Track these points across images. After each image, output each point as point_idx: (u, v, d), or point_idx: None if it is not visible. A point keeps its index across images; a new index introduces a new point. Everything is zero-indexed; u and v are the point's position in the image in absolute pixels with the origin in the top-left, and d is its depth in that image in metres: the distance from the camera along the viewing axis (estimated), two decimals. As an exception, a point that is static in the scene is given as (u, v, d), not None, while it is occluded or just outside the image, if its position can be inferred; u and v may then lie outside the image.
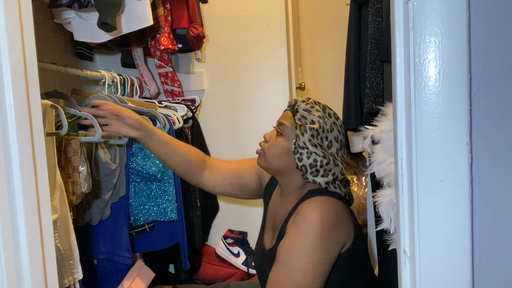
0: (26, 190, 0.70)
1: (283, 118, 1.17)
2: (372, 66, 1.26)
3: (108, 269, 1.43)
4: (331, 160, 1.10)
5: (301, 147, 1.09)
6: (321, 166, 1.09)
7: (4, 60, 0.67)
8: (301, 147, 1.09)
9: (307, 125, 1.10)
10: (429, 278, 0.64)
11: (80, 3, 1.22)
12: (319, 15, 2.85)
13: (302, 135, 1.09)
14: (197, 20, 1.85)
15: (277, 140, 1.15)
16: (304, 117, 1.11)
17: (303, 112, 1.12)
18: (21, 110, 0.70)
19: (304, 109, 1.12)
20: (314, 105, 1.14)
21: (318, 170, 1.09)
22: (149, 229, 1.53)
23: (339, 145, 1.14)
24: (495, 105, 0.62)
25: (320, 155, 1.09)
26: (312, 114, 1.12)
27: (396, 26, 0.65)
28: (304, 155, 1.09)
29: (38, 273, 0.72)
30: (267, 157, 1.17)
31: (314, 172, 1.09)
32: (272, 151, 1.15)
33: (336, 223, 1.05)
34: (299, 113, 1.12)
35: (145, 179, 1.49)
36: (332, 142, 1.12)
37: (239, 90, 2.12)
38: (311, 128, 1.09)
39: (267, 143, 1.18)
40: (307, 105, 1.13)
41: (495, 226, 0.63)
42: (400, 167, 0.67)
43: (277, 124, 1.19)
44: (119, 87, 1.59)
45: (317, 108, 1.13)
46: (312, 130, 1.09)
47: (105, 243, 1.42)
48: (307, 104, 1.14)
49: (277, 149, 1.15)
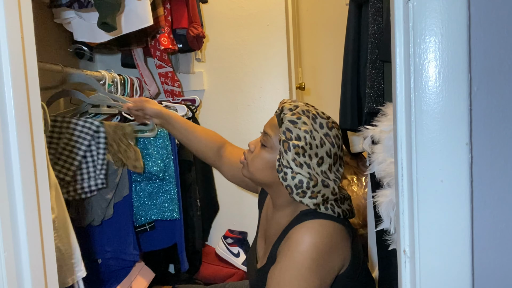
0: (26, 190, 0.70)
1: (268, 127, 1.06)
2: (373, 66, 1.26)
3: (114, 267, 1.45)
4: (319, 181, 0.98)
5: (285, 166, 0.98)
6: (308, 188, 0.98)
7: (4, 60, 0.67)
8: (285, 166, 0.98)
9: (291, 141, 0.97)
10: (429, 278, 0.64)
11: (80, 3, 1.22)
12: (319, 15, 2.85)
13: (286, 153, 0.97)
14: (197, 20, 1.85)
15: (261, 152, 1.05)
16: (289, 130, 0.99)
17: (288, 124, 0.99)
18: (21, 110, 0.70)
19: (290, 121, 0.99)
20: (301, 115, 1.00)
21: (305, 191, 0.98)
22: (150, 229, 1.54)
23: (332, 160, 1.01)
24: (495, 105, 0.62)
25: (305, 176, 0.97)
26: (297, 128, 0.98)
27: (396, 26, 0.65)
28: (288, 175, 0.98)
29: (38, 273, 0.72)
30: (250, 170, 1.07)
31: (300, 194, 0.99)
32: (255, 164, 1.06)
33: (332, 248, 0.98)
34: (284, 125, 1.00)
35: (146, 178, 1.49)
36: (323, 158, 1.00)
37: (239, 90, 2.12)
38: (295, 145, 0.97)
39: (252, 153, 1.08)
40: (293, 115, 1.00)
41: (495, 226, 0.63)
42: (400, 167, 0.67)
43: (262, 133, 1.08)
44: (119, 87, 1.59)
45: (304, 120, 1.00)
46: (297, 148, 0.97)
47: (111, 242, 1.42)
48: (293, 114, 1.00)
49: (260, 162, 1.05)
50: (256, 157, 1.06)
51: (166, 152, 1.50)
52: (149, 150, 1.47)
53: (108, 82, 1.53)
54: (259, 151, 1.06)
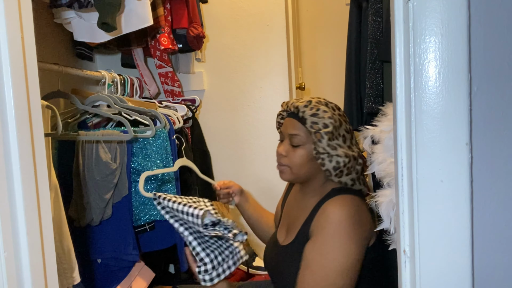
0: (26, 190, 0.70)
1: (291, 129, 1.16)
2: (372, 66, 1.27)
3: (114, 267, 1.45)
4: (350, 156, 1.11)
5: (322, 153, 1.10)
6: (344, 166, 1.10)
7: (4, 60, 0.67)
8: (322, 153, 1.10)
9: (321, 130, 1.09)
10: (429, 278, 0.64)
11: (80, 3, 1.22)
12: (319, 15, 2.85)
13: (320, 142, 1.10)
14: (197, 20, 1.85)
15: (296, 152, 1.15)
16: (315, 122, 1.11)
17: (312, 118, 1.11)
18: (21, 110, 0.70)
19: (312, 114, 1.11)
20: (318, 106, 1.13)
21: (342, 170, 1.10)
22: (150, 229, 1.53)
23: (350, 135, 1.15)
24: (495, 105, 0.62)
25: (341, 155, 1.09)
26: (321, 117, 1.11)
27: (396, 26, 0.65)
28: (326, 160, 1.10)
29: (38, 273, 0.72)
30: (294, 170, 1.17)
31: (338, 174, 1.11)
32: (296, 163, 1.16)
33: (362, 220, 1.07)
34: (308, 120, 1.11)
35: (145, 179, 1.49)
36: (345, 136, 1.13)
37: (239, 90, 2.12)
38: (326, 132, 1.09)
39: (286, 157, 1.17)
40: (312, 109, 1.12)
41: (495, 226, 0.63)
42: (400, 167, 0.67)
43: (287, 136, 1.18)
44: (119, 87, 1.59)
45: (323, 109, 1.12)
46: (328, 134, 1.09)
47: (111, 242, 1.42)
48: (311, 108, 1.12)
49: (299, 159, 1.15)
50: (294, 157, 1.16)
51: (165, 152, 1.49)
52: (148, 150, 1.47)
53: (108, 82, 1.53)
54: (293, 151, 1.16)
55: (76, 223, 1.38)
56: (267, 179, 2.11)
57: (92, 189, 1.36)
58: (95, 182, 1.36)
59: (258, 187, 2.11)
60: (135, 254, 1.42)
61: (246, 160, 2.14)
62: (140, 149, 1.46)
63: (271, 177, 2.10)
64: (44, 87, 0.82)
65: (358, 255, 1.05)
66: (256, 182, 2.12)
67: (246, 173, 2.13)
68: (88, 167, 1.36)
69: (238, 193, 1.45)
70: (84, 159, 1.37)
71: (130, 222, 1.44)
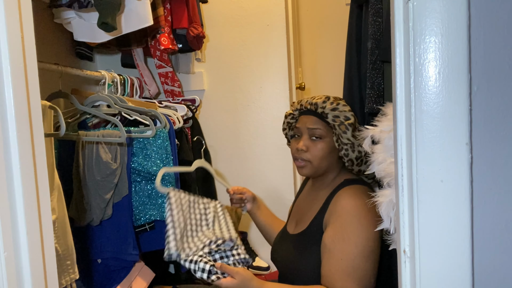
0: (26, 190, 0.70)
1: (311, 124, 1.22)
2: (373, 66, 1.26)
3: (114, 267, 1.45)
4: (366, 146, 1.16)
5: (346, 144, 1.16)
6: (365, 155, 1.15)
7: (4, 60, 0.67)
8: (346, 144, 1.16)
9: (345, 122, 1.16)
10: (429, 278, 0.64)
11: (80, 3, 1.22)
12: (319, 15, 2.85)
13: (345, 133, 1.16)
14: (197, 20, 1.85)
15: (318, 145, 1.21)
16: (337, 116, 1.17)
17: (333, 112, 1.18)
18: (21, 110, 0.70)
19: (332, 109, 1.18)
20: (338, 101, 1.20)
21: (362, 159, 1.17)
22: (150, 229, 1.53)
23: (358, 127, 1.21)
24: (495, 105, 0.62)
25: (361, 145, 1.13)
26: (342, 111, 1.18)
27: (396, 26, 0.65)
28: (349, 150, 1.16)
29: (38, 273, 0.72)
30: (315, 164, 1.22)
31: (359, 163, 1.18)
32: (318, 156, 1.21)
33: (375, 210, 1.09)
34: (330, 114, 1.18)
35: (146, 178, 1.49)
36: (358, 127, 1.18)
37: (239, 90, 2.12)
38: (350, 124, 1.16)
39: (307, 152, 1.22)
40: (331, 104, 1.19)
41: (495, 226, 0.63)
42: (400, 167, 0.67)
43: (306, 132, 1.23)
44: (119, 87, 1.59)
45: (342, 103, 1.20)
46: (352, 125, 1.16)
47: (111, 242, 1.42)
48: (331, 103, 1.19)
49: (321, 152, 1.21)
50: (315, 151, 1.21)
51: (165, 152, 1.49)
52: (148, 150, 1.47)
53: (108, 82, 1.53)
54: (314, 145, 1.22)
55: (76, 223, 1.38)
56: (267, 178, 2.11)
57: (92, 189, 1.36)
58: (95, 182, 1.36)
59: (258, 187, 2.11)
60: (135, 254, 1.42)
61: (246, 160, 2.14)
62: (141, 149, 1.46)
63: (271, 176, 2.10)
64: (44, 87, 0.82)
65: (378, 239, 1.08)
66: (257, 182, 2.12)
67: (246, 173, 2.13)
68: (88, 167, 1.36)
69: (251, 200, 1.48)
70: (84, 159, 1.37)
71: (130, 222, 1.44)
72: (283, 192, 2.11)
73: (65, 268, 1.02)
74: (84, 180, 1.36)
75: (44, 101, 1.00)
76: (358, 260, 1.05)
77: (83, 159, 1.37)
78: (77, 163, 1.37)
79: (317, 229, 1.16)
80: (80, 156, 1.37)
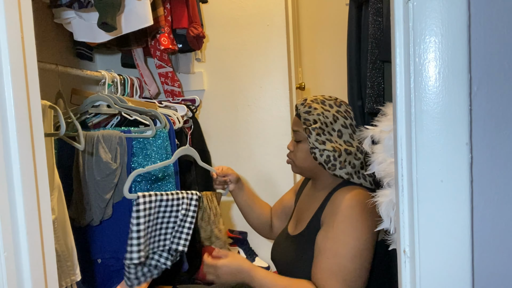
0: (26, 190, 0.70)
1: (294, 125, 1.26)
2: (373, 66, 1.27)
3: (114, 267, 1.44)
4: (342, 150, 1.15)
5: (312, 148, 1.17)
6: (335, 160, 1.15)
7: (4, 60, 0.67)
8: (312, 148, 1.17)
9: (310, 126, 1.17)
10: (429, 278, 0.64)
11: (80, 3, 1.22)
12: (319, 15, 2.85)
13: (309, 137, 1.17)
14: (197, 20, 1.85)
15: (299, 147, 1.24)
16: (306, 119, 1.19)
17: (304, 115, 1.20)
18: (21, 110, 0.70)
19: (304, 112, 1.20)
20: (311, 103, 1.20)
21: (334, 164, 1.16)
22: (149, 229, 1.53)
23: (350, 130, 1.20)
24: (495, 105, 0.62)
25: (330, 150, 1.15)
26: (311, 114, 1.18)
27: (396, 26, 0.65)
28: (317, 154, 1.16)
29: (38, 274, 0.72)
30: (297, 164, 1.26)
31: (331, 167, 1.16)
32: (298, 158, 1.25)
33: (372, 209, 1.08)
34: (302, 117, 1.20)
35: (145, 178, 1.49)
36: (340, 130, 1.18)
37: (239, 90, 2.12)
38: (314, 128, 1.16)
39: (292, 152, 1.28)
40: (305, 107, 1.21)
41: (495, 226, 0.63)
42: (400, 167, 0.67)
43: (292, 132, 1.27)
44: (119, 87, 1.59)
45: (315, 107, 1.19)
46: (316, 129, 1.16)
47: (111, 242, 1.42)
48: (305, 106, 1.21)
49: (301, 154, 1.24)
50: (297, 152, 1.25)
51: (165, 153, 1.49)
52: (148, 150, 1.46)
53: (108, 82, 1.53)
54: (297, 147, 1.25)
55: (76, 223, 1.38)
56: (267, 178, 2.11)
57: (92, 189, 1.36)
58: (95, 182, 1.36)
59: (258, 186, 2.11)
60: (135, 254, 1.42)
61: (246, 160, 2.14)
62: (140, 149, 1.46)
63: (271, 176, 2.10)
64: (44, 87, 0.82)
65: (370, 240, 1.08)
66: (257, 182, 2.12)
67: (246, 173, 2.13)
68: (88, 167, 1.36)
69: (234, 181, 1.49)
70: (84, 159, 1.37)
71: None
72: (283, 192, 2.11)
73: (66, 269, 1.02)
74: (84, 180, 1.36)
75: (44, 101, 1.00)
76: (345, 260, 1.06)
77: (83, 159, 1.37)
78: (77, 163, 1.37)
79: (314, 229, 1.17)
80: (80, 156, 1.36)
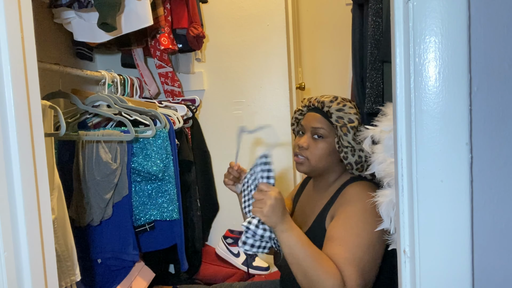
0: (26, 190, 0.70)
1: (315, 122, 1.21)
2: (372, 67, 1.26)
3: (115, 267, 1.45)
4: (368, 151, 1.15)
5: (346, 146, 1.15)
6: (365, 161, 1.14)
7: (4, 60, 0.67)
8: (346, 146, 1.15)
9: (348, 124, 1.15)
10: (429, 278, 0.64)
11: (80, 3, 1.22)
12: (319, 15, 2.85)
13: (346, 135, 1.14)
14: (197, 20, 1.85)
15: (318, 144, 1.20)
16: (340, 117, 1.16)
17: (338, 113, 1.16)
18: (21, 110, 0.70)
19: (338, 109, 1.17)
20: (345, 102, 1.19)
21: (363, 165, 1.15)
22: (150, 229, 1.53)
23: None
24: (495, 105, 0.62)
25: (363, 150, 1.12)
26: (347, 113, 1.16)
27: (396, 26, 0.65)
28: (349, 154, 1.15)
29: (38, 273, 0.72)
30: (313, 163, 1.21)
31: (359, 168, 1.16)
32: (315, 155, 1.20)
33: None
34: (334, 114, 1.16)
35: (146, 178, 1.49)
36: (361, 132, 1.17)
37: (239, 90, 2.12)
38: (352, 127, 1.15)
39: (307, 150, 1.22)
40: (338, 104, 1.18)
41: (495, 226, 0.63)
42: (400, 167, 0.67)
43: (309, 130, 1.22)
44: (119, 87, 1.59)
45: (349, 105, 1.18)
46: (354, 129, 1.14)
47: (111, 242, 1.42)
48: (338, 103, 1.18)
49: (320, 152, 1.20)
50: (315, 149, 1.20)
51: (165, 153, 1.49)
52: (148, 150, 1.47)
53: (108, 82, 1.53)
54: (315, 144, 1.21)
55: (76, 223, 1.38)
56: (267, 179, 2.11)
57: (92, 189, 1.36)
58: (96, 182, 1.36)
59: (258, 187, 2.10)
60: (135, 254, 1.42)
61: (246, 160, 2.14)
62: (141, 149, 1.46)
63: (271, 177, 2.10)
64: (44, 87, 0.82)
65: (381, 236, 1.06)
66: (256, 182, 2.12)
67: (246, 173, 2.13)
68: (88, 167, 1.36)
69: None
70: (84, 159, 1.37)
71: (130, 222, 1.44)
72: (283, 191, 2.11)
73: (65, 269, 1.01)
74: (84, 180, 1.36)
75: (44, 101, 1.00)
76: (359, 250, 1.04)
77: (83, 159, 1.37)
78: (77, 163, 1.37)
79: (319, 229, 1.15)
80: (80, 156, 1.37)
